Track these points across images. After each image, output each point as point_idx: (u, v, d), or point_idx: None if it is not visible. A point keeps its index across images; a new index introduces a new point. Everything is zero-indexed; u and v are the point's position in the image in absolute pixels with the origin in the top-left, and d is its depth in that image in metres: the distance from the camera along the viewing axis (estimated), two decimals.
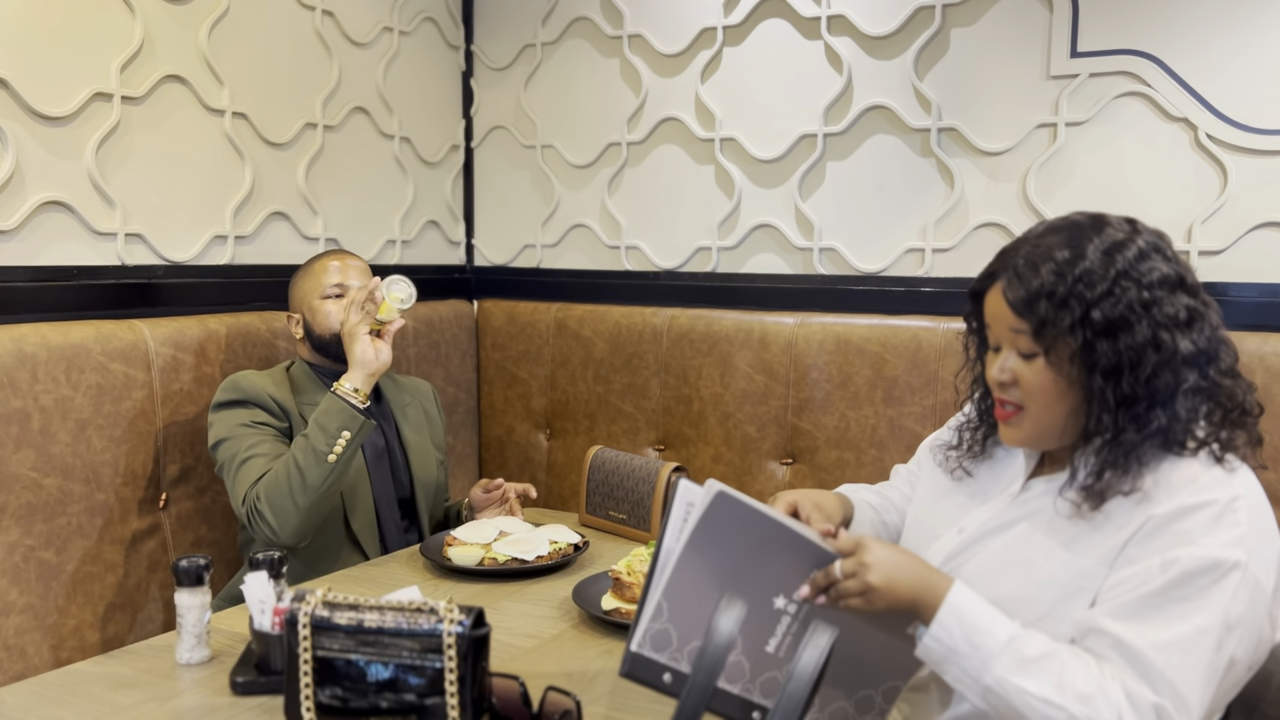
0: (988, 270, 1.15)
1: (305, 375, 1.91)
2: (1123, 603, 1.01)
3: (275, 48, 2.27)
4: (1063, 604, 1.07)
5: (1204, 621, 0.98)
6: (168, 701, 1.24)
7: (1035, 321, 1.06)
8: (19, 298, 1.81)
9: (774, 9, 2.37)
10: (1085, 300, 1.04)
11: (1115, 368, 1.04)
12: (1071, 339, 1.05)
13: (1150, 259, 1.06)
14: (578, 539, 1.82)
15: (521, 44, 2.73)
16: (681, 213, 2.54)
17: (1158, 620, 0.99)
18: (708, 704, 0.90)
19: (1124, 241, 1.07)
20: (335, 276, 1.92)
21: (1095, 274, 1.05)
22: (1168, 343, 1.03)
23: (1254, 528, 1.02)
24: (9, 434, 1.68)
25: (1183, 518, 1.01)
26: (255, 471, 1.71)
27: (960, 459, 1.27)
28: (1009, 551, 1.13)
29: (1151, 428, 1.04)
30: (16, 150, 1.81)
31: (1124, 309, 1.03)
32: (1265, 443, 1.83)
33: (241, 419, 1.77)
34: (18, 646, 1.69)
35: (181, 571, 1.33)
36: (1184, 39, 1.97)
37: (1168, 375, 1.04)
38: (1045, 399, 1.09)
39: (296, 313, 1.95)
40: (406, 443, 1.98)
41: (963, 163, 2.20)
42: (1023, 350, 1.09)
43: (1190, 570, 0.98)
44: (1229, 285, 1.97)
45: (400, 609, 1.07)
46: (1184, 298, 1.06)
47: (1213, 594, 0.98)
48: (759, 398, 2.32)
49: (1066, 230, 1.10)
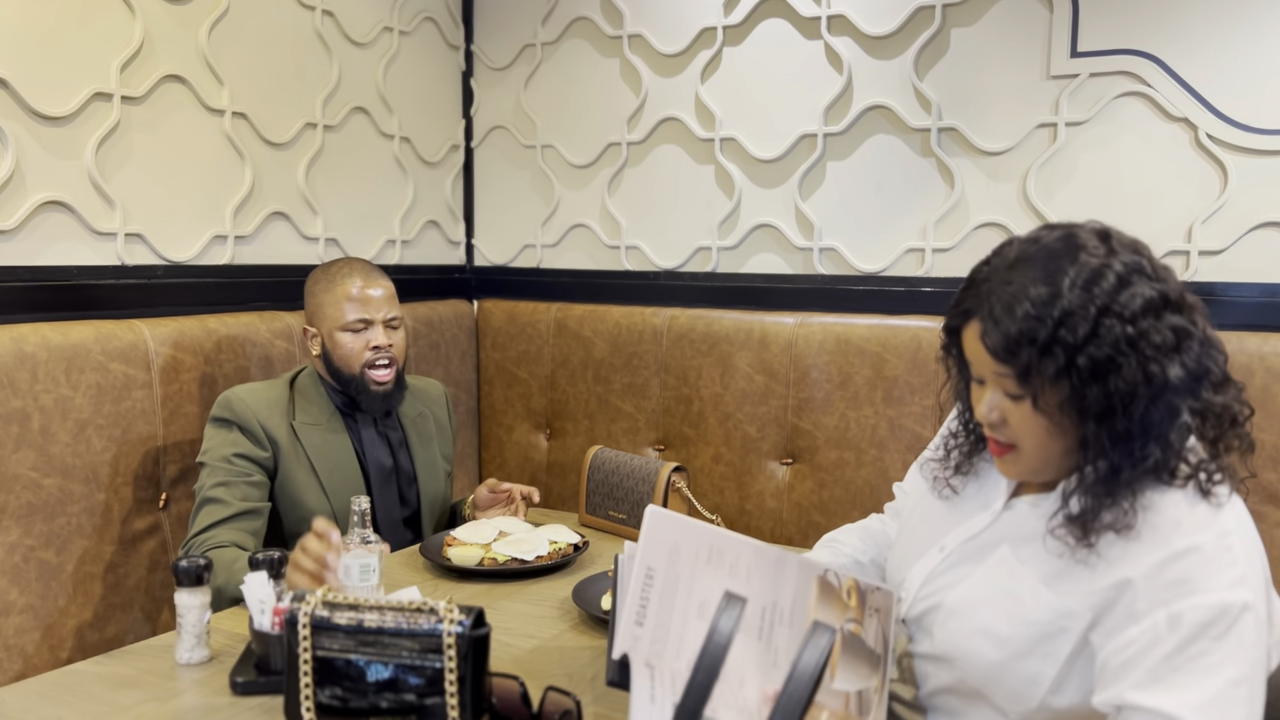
0: (962, 305, 1.08)
1: (313, 385, 1.87)
2: (1144, 670, 0.96)
3: (275, 48, 2.27)
4: (1045, 642, 1.04)
5: (1233, 673, 0.94)
6: (168, 701, 1.24)
7: (1019, 368, 1.01)
8: (19, 298, 1.81)
9: (774, 9, 2.37)
10: (1069, 345, 0.98)
11: (1107, 409, 0.99)
12: (1059, 386, 1.00)
13: (1131, 284, 0.99)
14: (578, 539, 1.82)
15: (521, 44, 2.73)
16: (681, 213, 2.54)
17: (1185, 681, 0.94)
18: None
19: (1101, 269, 1.00)
20: (359, 312, 1.83)
21: (1076, 314, 0.98)
22: (1158, 375, 0.98)
23: (1250, 562, 0.99)
24: (9, 434, 1.68)
25: (1175, 563, 0.98)
26: (208, 519, 1.68)
27: (947, 478, 1.24)
28: (991, 582, 1.11)
29: (1148, 462, 1.01)
30: (16, 150, 1.81)
31: (1110, 349, 0.98)
32: (1266, 443, 1.83)
33: (223, 448, 1.74)
34: (18, 646, 1.69)
35: (181, 571, 1.33)
36: (1184, 39, 1.97)
37: (1160, 407, 0.99)
38: (1038, 439, 1.05)
39: (315, 330, 1.87)
40: (416, 460, 1.95)
41: (963, 163, 2.20)
42: (1009, 392, 1.05)
43: (1201, 622, 0.95)
44: (1229, 285, 1.97)
45: (400, 609, 1.07)
46: (1170, 318, 1.00)
47: (1231, 642, 0.94)
48: (759, 398, 2.32)
49: (1040, 260, 1.02)
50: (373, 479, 1.87)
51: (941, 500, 1.25)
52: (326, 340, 1.85)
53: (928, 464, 1.29)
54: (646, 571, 1.04)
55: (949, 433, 1.27)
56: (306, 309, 1.90)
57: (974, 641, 1.09)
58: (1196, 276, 2.00)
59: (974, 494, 1.21)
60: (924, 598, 1.18)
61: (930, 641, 1.15)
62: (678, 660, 1.00)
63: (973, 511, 1.19)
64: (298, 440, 1.80)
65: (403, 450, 1.94)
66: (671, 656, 1.00)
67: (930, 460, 1.29)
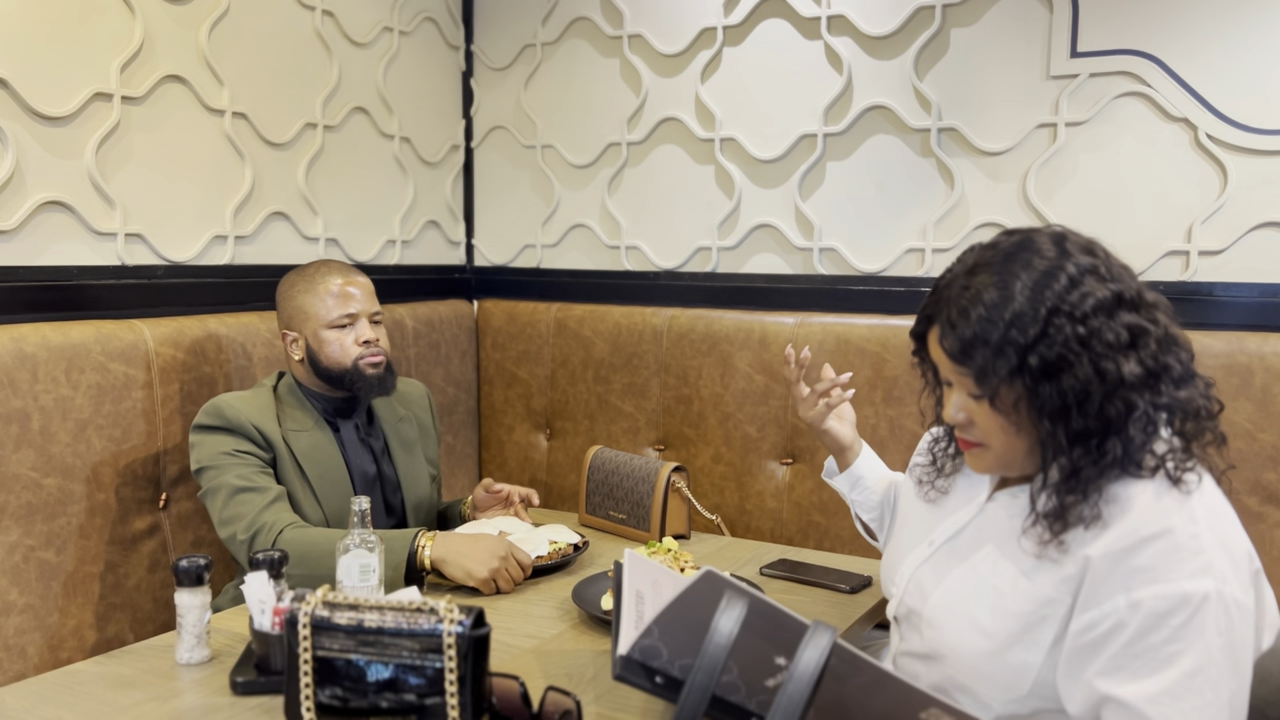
0: (925, 312, 1.13)
1: (293, 396, 1.84)
2: (1107, 656, 0.99)
3: (275, 48, 2.27)
4: (1029, 632, 1.06)
5: (1190, 664, 0.95)
6: (168, 701, 1.24)
7: (975, 369, 1.05)
8: (19, 298, 1.81)
9: (774, 9, 2.37)
10: (1020, 346, 1.01)
11: (1062, 408, 1.02)
12: (1014, 385, 1.03)
13: (1082, 284, 1.02)
14: (578, 539, 1.82)
15: (521, 44, 2.73)
16: (681, 213, 2.54)
17: (1144, 670, 0.97)
18: (706, 710, 0.90)
19: (1052, 271, 1.03)
20: (344, 307, 1.80)
21: (1026, 316, 1.01)
22: (1112, 372, 1.00)
23: (1223, 548, 1.00)
24: (9, 434, 1.68)
25: (1140, 550, 0.99)
26: (250, 505, 1.65)
27: (933, 480, 1.28)
28: (976, 577, 1.13)
29: (1108, 459, 1.03)
30: (16, 150, 1.81)
31: (1061, 348, 1.01)
32: (1266, 443, 1.84)
33: (224, 447, 1.71)
34: (18, 646, 1.69)
35: (181, 571, 1.33)
36: (1184, 39, 1.97)
37: (1117, 404, 1.01)
38: (1002, 437, 1.09)
39: (296, 333, 1.83)
40: (398, 467, 1.93)
41: (963, 163, 2.20)
42: (971, 393, 1.08)
43: (1159, 611, 0.97)
44: (1229, 285, 1.97)
45: (400, 609, 1.07)
46: (1124, 316, 1.03)
47: (1191, 632, 0.96)
48: (759, 398, 2.32)
49: (995, 265, 1.06)
50: (358, 485, 1.85)
51: (929, 502, 1.28)
52: (311, 341, 1.81)
53: (914, 469, 1.34)
54: (636, 594, 1.12)
55: (933, 438, 1.32)
56: (283, 314, 1.85)
57: (960, 636, 1.11)
58: (1196, 276, 2.00)
59: (960, 490, 1.25)
60: (911, 593, 1.21)
61: (919, 639, 1.18)
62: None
63: (958, 506, 1.23)
64: (288, 446, 1.78)
65: (385, 459, 1.92)
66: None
67: (916, 465, 1.34)
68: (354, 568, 1.40)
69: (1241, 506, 1.88)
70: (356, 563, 1.40)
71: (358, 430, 1.89)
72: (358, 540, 1.40)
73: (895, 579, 1.26)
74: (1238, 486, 1.88)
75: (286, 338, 1.85)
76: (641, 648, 0.99)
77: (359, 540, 1.40)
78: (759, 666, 0.98)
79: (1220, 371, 1.88)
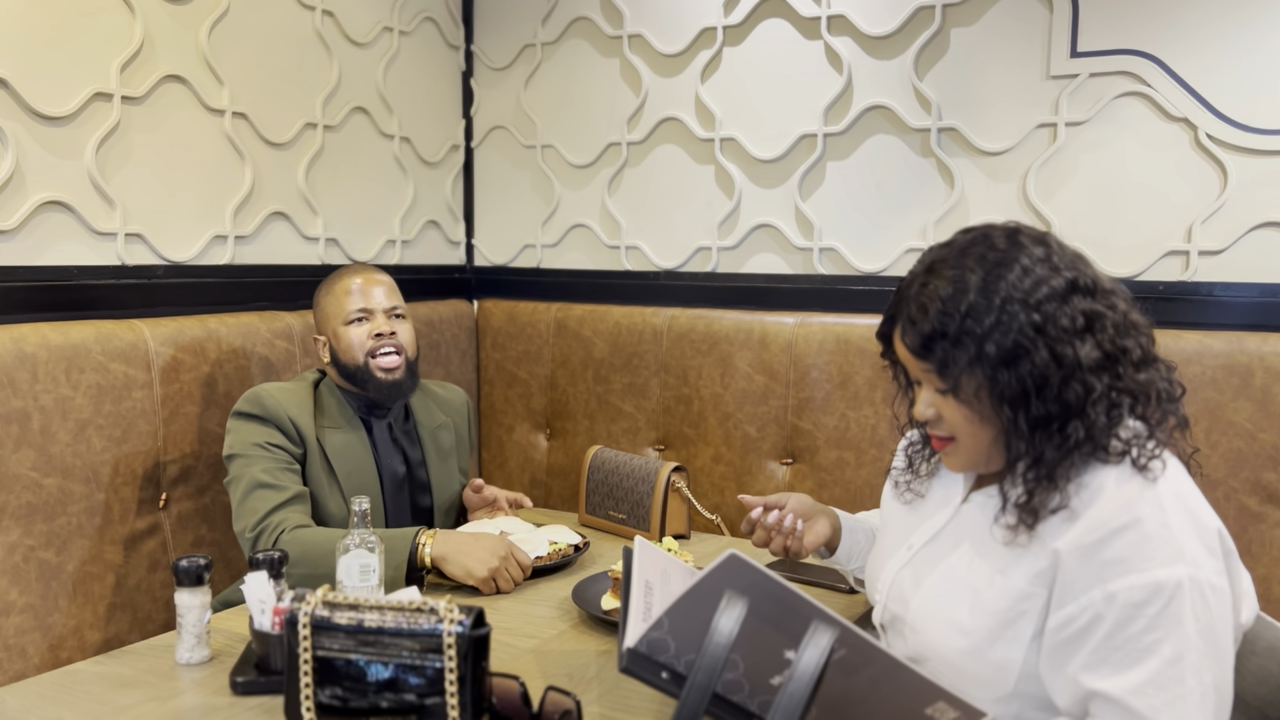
0: (887, 313, 1.15)
1: (332, 397, 1.86)
2: (1089, 650, 1.00)
3: (275, 48, 2.27)
4: (1008, 628, 1.07)
5: (1170, 652, 0.96)
6: (168, 701, 1.24)
7: (936, 363, 1.07)
8: (19, 298, 1.81)
9: (774, 9, 2.37)
10: (976, 335, 1.04)
11: (1022, 394, 1.04)
12: (974, 375, 1.05)
13: (1034, 273, 1.05)
14: (578, 539, 1.82)
15: (521, 44, 2.73)
16: (681, 213, 2.54)
17: (1125, 662, 0.98)
18: (707, 710, 0.90)
19: (1004, 262, 1.06)
20: (358, 301, 1.84)
21: (980, 306, 1.04)
22: (1069, 356, 1.03)
23: (1194, 532, 1.00)
24: (9, 434, 1.68)
25: (1110, 542, 1.00)
26: (264, 503, 1.66)
27: (909, 483, 1.29)
28: (955, 577, 1.14)
29: (1070, 442, 1.04)
30: (16, 150, 1.81)
31: (1016, 335, 1.03)
32: (1266, 443, 1.83)
33: (257, 438, 1.73)
34: (18, 646, 1.69)
35: (181, 571, 1.33)
36: (1184, 39, 1.97)
37: (1075, 387, 1.03)
38: (969, 430, 1.10)
39: (323, 335, 1.88)
40: (431, 471, 1.93)
41: (963, 163, 2.20)
42: (936, 387, 1.10)
43: (1135, 601, 0.98)
44: (1228, 285, 1.97)
45: (400, 609, 1.07)
46: (1079, 302, 1.05)
47: (1168, 620, 0.97)
48: (759, 398, 2.32)
49: (950, 261, 1.09)
50: (386, 486, 1.86)
51: (908, 506, 1.29)
52: (332, 340, 1.85)
53: (893, 474, 1.35)
54: (645, 585, 1.11)
55: (909, 442, 1.32)
56: (315, 320, 1.92)
57: (942, 637, 1.12)
58: (1196, 276, 2.00)
59: (937, 492, 1.26)
60: (894, 599, 1.22)
61: (904, 644, 1.19)
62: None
63: (936, 509, 1.24)
64: (320, 442, 1.79)
65: (420, 466, 1.92)
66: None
67: (894, 469, 1.35)
68: (354, 568, 1.40)
69: (1241, 506, 1.88)
70: (357, 563, 1.40)
71: (391, 430, 1.90)
72: (358, 540, 1.41)
73: (878, 585, 1.27)
74: (1238, 486, 1.88)
75: (318, 342, 1.90)
76: (649, 641, 0.99)
77: (359, 540, 1.40)
78: (768, 662, 0.98)
79: (1220, 371, 1.88)
